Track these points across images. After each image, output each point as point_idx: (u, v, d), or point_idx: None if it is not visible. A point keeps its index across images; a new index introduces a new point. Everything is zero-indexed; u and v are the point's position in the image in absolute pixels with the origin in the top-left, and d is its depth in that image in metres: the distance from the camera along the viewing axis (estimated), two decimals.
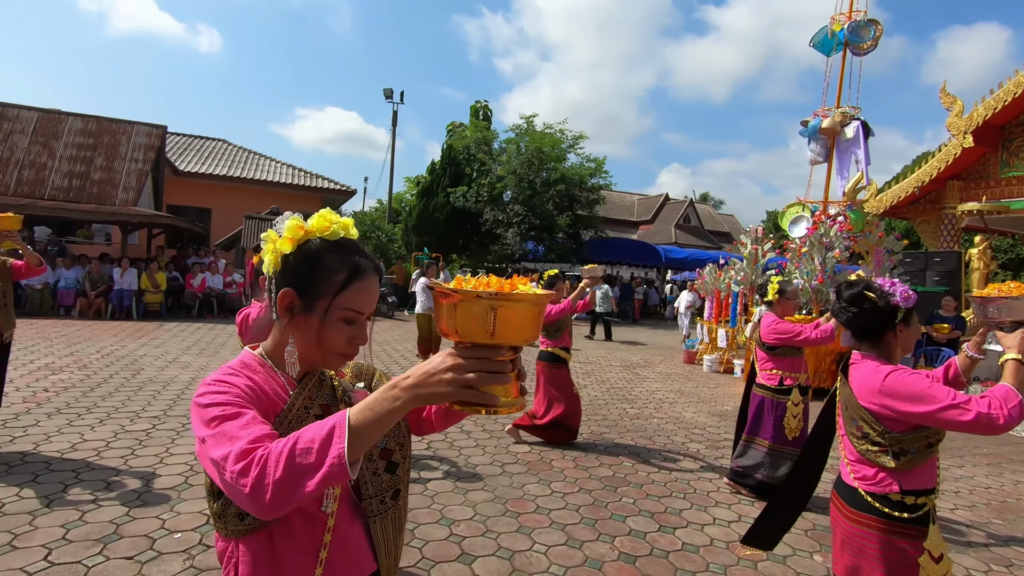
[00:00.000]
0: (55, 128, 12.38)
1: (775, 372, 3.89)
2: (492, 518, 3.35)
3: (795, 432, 3.81)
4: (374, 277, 1.04)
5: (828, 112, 8.18)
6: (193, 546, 2.78)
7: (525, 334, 0.82)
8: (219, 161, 21.60)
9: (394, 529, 1.11)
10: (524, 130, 19.83)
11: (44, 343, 7.81)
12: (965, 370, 1.99)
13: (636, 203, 41.60)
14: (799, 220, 8.32)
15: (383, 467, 1.08)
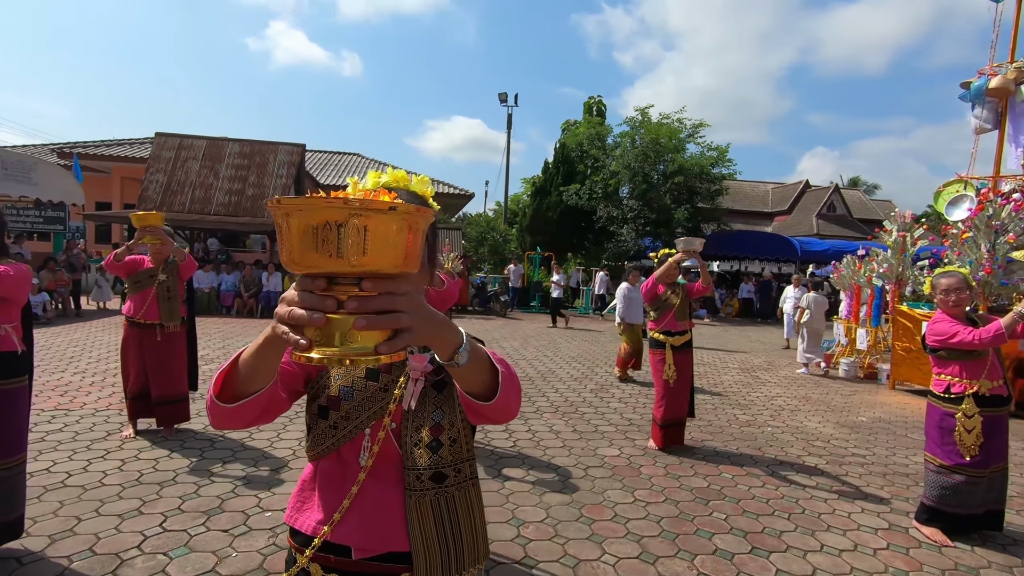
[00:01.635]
0: (219, 152, 14.38)
1: (943, 377, 3.25)
2: (564, 523, 3.22)
3: (972, 451, 3.13)
4: None
5: (998, 69, 6.82)
6: (279, 524, 3.01)
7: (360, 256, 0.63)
8: (353, 173, 23.62)
9: (437, 516, 1.03)
10: (639, 123, 19.15)
11: (204, 338, 9.06)
12: None
13: (770, 192, 38.21)
14: (959, 200, 7.04)
15: (426, 441, 1.03)
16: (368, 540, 1.04)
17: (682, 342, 4.52)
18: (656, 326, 4.56)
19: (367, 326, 0.66)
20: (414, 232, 0.69)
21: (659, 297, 4.54)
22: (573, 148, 20.38)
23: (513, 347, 9.80)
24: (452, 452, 1.04)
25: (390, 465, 1.05)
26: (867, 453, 4.81)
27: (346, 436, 1.04)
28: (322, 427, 1.04)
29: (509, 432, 4.88)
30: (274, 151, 14.63)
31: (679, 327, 4.52)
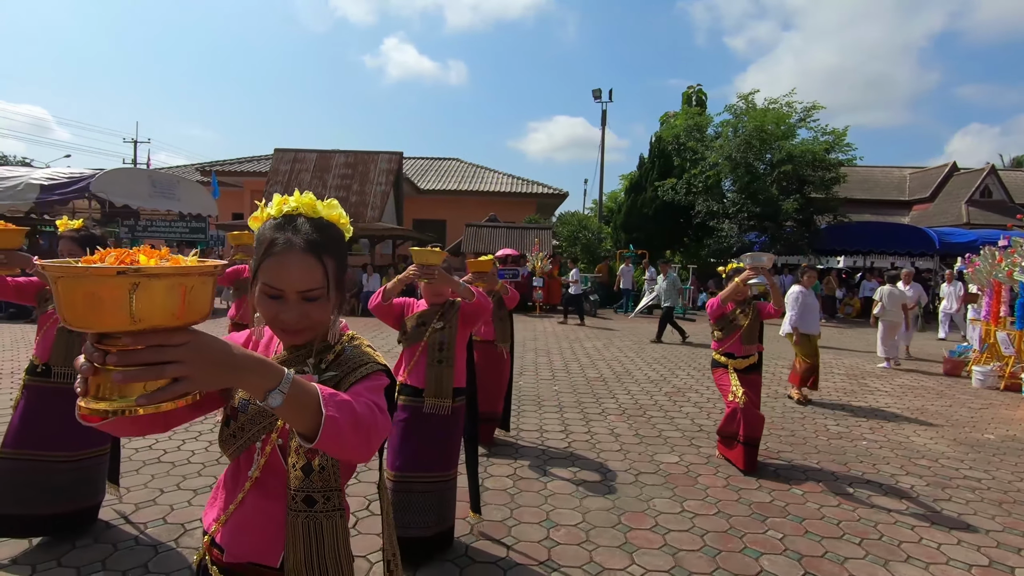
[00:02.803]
0: (327, 163, 15.64)
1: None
2: (598, 528, 3.11)
3: None
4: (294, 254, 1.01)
5: None
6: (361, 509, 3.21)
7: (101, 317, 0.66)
8: (452, 178, 24.53)
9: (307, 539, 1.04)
10: (742, 110, 17.91)
11: None
12: None
13: (908, 178, 33.93)
14: None
15: (300, 463, 1.05)
16: (236, 547, 1.08)
17: (746, 365, 4.17)
18: (719, 347, 4.24)
19: (124, 379, 0.69)
20: (189, 288, 0.70)
21: (726, 316, 4.21)
22: (670, 141, 19.54)
23: (595, 347, 9.63)
24: (321, 478, 1.05)
25: (278, 480, 1.07)
26: (984, 476, 4.12)
27: (242, 446, 1.09)
28: (225, 434, 1.10)
29: (566, 432, 4.81)
30: (374, 160, 15.61)
31: (744, 351, 4.17)
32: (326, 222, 1.10)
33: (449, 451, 2.75)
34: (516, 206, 23.16)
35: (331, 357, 1.10)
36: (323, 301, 1.05)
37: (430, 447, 2.69)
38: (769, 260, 3.99)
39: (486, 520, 3.14)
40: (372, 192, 14.98)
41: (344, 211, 1.20)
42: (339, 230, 1.13)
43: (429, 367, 2.70)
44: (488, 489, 3.57)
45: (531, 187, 23.94)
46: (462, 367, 2.80)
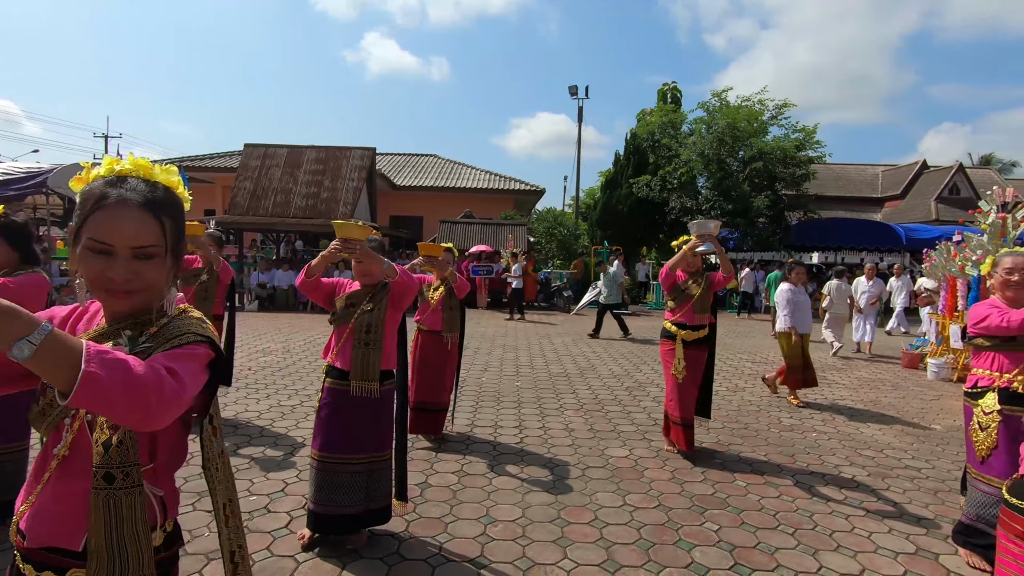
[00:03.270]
0: (299, 159, 15.42)
1: (975, 371, 2.83)
2: (537, 523, 3.10)
3: (984, 453, 2.69)
4: (129, 207, 0.97)
5: None
6: (258, 509, 3.16)
7: None
8: (429, 174, 24.38)
9: (108, 518, 1.00)
10: (715, 107, 18.09)
11: (273, 331, 9.77)
12: None
13: (880, 176, 34.65)
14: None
15: (103, 439, 1.00)
16: (36, 531, 1.04)
17: (695, 337, 4.18)
18: (671, 316, 4.27)
19: None
20: None
21: (678, 286, 4.24)
22: (645, 138, 19.66)
23: (564, 343, 9.64)
24: (119, 453, 1.01)
25: (84, 459, 1.03)
26: (924, 466, 4.21)
27: (52, 422, 1.04)
28: (35, 411, 1.05)
29: (521, 428, 4.80)
30: (347, 156, 15.44)
31: (696, 320, 4.18)
32: (163, 185, 1.05)
33: (378, 434, 2.73)
34: (494, 202, 23.10)
35: (153, 330, 1.04)
36: (158, 261, 1.01)
37: (357, 430, 2.68)
38: (716, 227, 3.99)
39: (423, 517, 3.12)
40: (344, 188, 14.81)
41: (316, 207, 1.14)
42: (177, 196, 1.08)
43: (355, 349, 2.65)
44: (431, 486, 3.55)
45: (508, 183, 23.89)
46: (391, 350, 2.76)
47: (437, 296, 4.29)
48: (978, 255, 6.81)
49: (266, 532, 2.89)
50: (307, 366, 7.01)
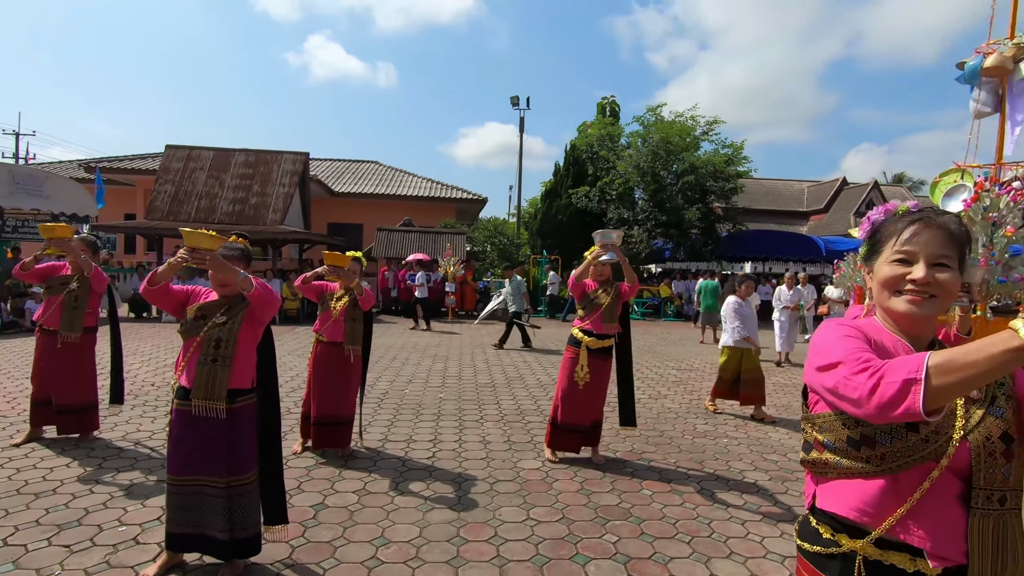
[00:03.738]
0: (226, 163, 14.73)
1: None
2: (433, 543, 2.98)
3: None
4: None
5: (996, 47, 6.22)
6: (126, 540, 2.88)
7: None
8: (369, 181, 23.90)
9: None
10: (651, 122, 18.66)
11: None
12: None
13: (806, 191, 36.84)
14: (956, 191, 6.41)
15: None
16: None
17: (599, 346, 4.21)
18: (579, 323, 4.29)
19: None
20: None
21: (587, 295, 4.27)
22: (584, 150, 20.03)
23: (497, 353, 9.57)
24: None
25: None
26: None
27: None
28: None
29: (435, 441, 4.67)
30: (278, 160, 14.88)
31: (603, 329, 4.22)
32: None
33: (232, 457, 2.50)
34: (435, 211, 22.87)
35: None
36: None
37: (203, 452, 2.46)
38: (618, 237, 4.06)
39: (312, 542, 2.94)
40: (275, 194, 14.24)
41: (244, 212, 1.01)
42: None
43: (201, 365, 2.45)
44: (327, 507, 3.36)
45: (450, 192, 23.74)
46: (246, 367, 2.55)
47: (340, 306, 4.12)
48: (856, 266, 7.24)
49: (129, 567, 2.63)
50: None
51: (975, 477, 1.04)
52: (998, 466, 1.04)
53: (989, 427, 1.06)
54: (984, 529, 1.03)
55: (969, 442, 1.05)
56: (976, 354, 0.84)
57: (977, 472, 1.04)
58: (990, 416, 1.06)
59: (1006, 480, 1.05)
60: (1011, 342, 0.81)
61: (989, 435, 1.05)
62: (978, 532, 1.03)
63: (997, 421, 1.06)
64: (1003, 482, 1.05)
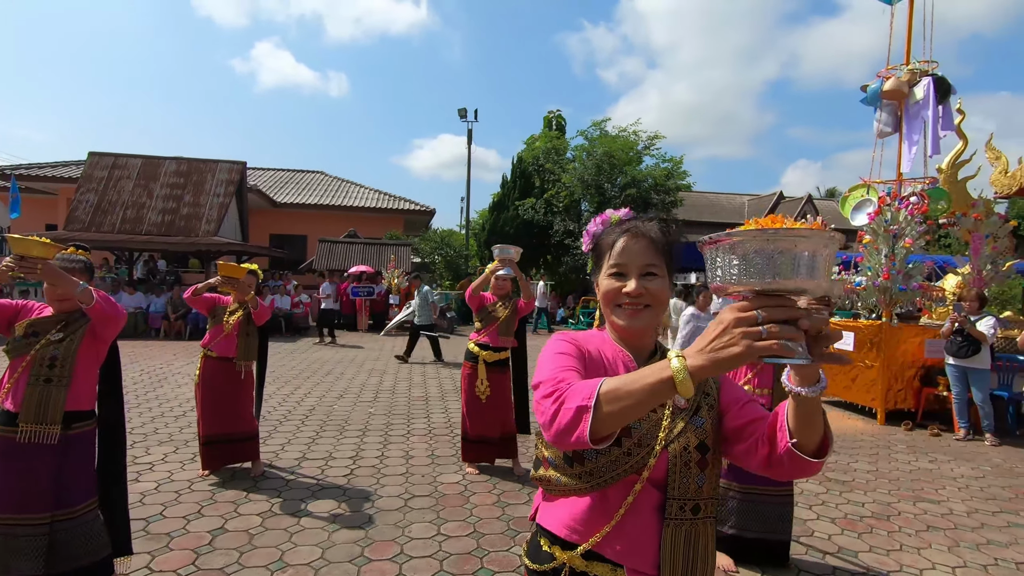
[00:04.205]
0: (154, 171, 14.10)
1: None
2: (333, 564, 2.89)
3: None
4: None
5: (894, 71, 6.70)
6: None
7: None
8: (314, 191, 23.36)
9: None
10: (595, 136, 19.10)
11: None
12: None
13: (746, 204, 38.48)
14: (863, 205, 6.87)
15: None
16: None
17: (495, 359, 4.28)
18: (476, 336, 4.34)
19: None
20: None
21: (485, 307, 4.32)
22: (530, 163, 20.27)
23: (435, 367, 9.47)
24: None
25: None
26: None
27: None
28: None
29: (356, 458, 4.55)
30: (212, 169, 14.36)
31: (499, 343, 4.29)
32: None
33: (61, 488, 2.30)
34: (382, 222, 22.56)
35: None
36: None
37: (26, 485, 2.22)
38: (516, 253, 4.14)
39: (202, 569, 2.79)
40: (208, 204, 13.70)
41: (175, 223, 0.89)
42: None
43: (31, 386, 2.23)
44: (226, 531, 3.21)
45: (398, 203, 23.49)
46: (86, 388, 2.38)
47: (233, 320, 3.98)
48: None
49: None
50: (132, 400, 6.25)
51: (670, 487, 1.03)
52: (692, 475, 1.03)
53: (688, 437, 1.05)
54: (676, 539, 1.03)
55: (668, 452, 1.04)
56: (635, 383, 0.84)
57: (672, 482, 1.03)
58: (691, 426, 1.06)
59: (700, 489, 1.04)
60: (662, 373, 0.82)
61: (687, 445, 1.05)
62: (670, 542, 1.02)
63: (697, 431, 1.06)
64: (697, 491, 1.04)
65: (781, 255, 0.77)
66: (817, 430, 0.93)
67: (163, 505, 3.53)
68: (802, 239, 0.76)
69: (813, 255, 0.77)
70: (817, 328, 0.78)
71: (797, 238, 0.76)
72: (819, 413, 0.92)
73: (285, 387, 7.26)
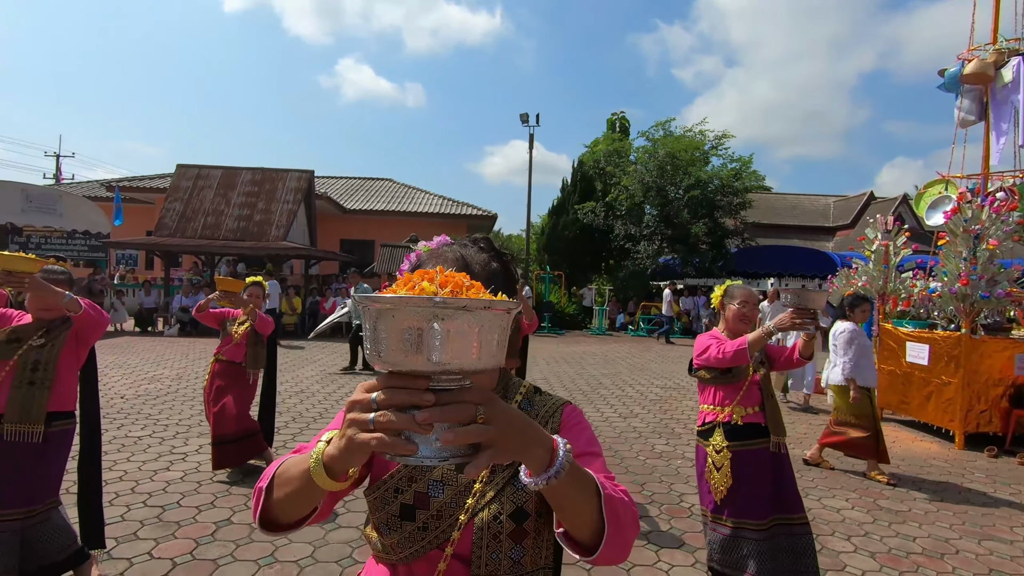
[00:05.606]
0: (232, 181, 15.16)
1: (703, 407, 2.81)
2: (320, 564, 2.89)
3: (721, 492, 2.61)
4: None
5: (978, 53, 5.97)
6: None
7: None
8: (381, 198, 24.26)
9: None
10: (658, 137, 18.52)
11: (178, 357, 9.37)
12: None
13: (832, 206, 35.99)
14: (940, 203, 6.17)
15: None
16: None
17: None
18: None
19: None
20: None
21: None
22: (591, 166, 19.97)
23: None
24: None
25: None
26: None
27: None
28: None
29: None
30: (283, 178, 15.23)
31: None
32: None
33: (35, 484, 2.39)
34: (446, 228, 22.98)
35: None
36: None
37: (7, 481, 2.32)
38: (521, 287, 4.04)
39: (197, 559, 2.89)
40: (278, 211, 14.55)
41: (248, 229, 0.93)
42: None
43: (15, 388, 2.34)
44: (232, 523, 3.32)
45: (461, 208, 23.92)
46: (69, 390, 2.50)
47: (242, 331, 4.14)
48: (863, 281, 6.95)
49: None
50: (188, 393, 6.68)
51: (475, 563, 0.88)
52: (503, 549, 0.88)
53: (503, 503, 0.90)
54: None
55: (475, 523, 0.89)
56: (295, 466, 0.74)
57: (477, 559, 0.88)
58: (511, 488, 0.90)
59: (517, 563, 0.89)
60: (302, 464, 0.72)
61: (499, 513, 0.89)
62: None
63: (516, 494, 0.90)
64: (513, 567, 0.89)
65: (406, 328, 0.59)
66: (580, 522, 0.74)
67: (182, 495, 3.71)
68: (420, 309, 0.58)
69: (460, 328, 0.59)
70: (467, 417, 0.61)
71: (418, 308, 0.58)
72: (577, 503, 0.73)
73: (330, 384, 7.52)
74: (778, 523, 2.59)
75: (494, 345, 0.63)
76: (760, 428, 2.62)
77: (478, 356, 0.61)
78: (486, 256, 0.98)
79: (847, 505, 3.98)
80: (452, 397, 0.61)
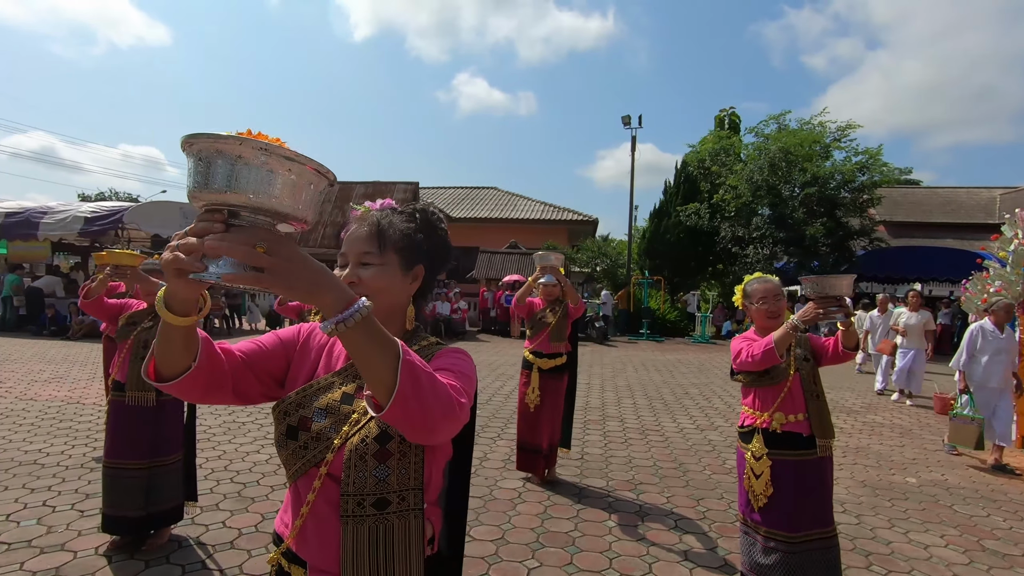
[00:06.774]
0: (347, 194, 16.61)
1: (743, 410, 2.64)
2: None
3: (761, 500, 2.43)
4: None
5: None
6: None
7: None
8: (485, 206, 25.12)
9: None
10: (771, 132, 17.24)
11: None
12: None
13: (998, 199, 30.96)
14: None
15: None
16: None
17: (551, 366, 4.16)
18: (529, 345, 4.31)
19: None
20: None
21: (535, 315, 4.29)
22: (695, 166, 19.08)
23: None
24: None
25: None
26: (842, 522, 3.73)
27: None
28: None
29: None
30: (391, 189, 16.39)
31: (552, 349, 4.20)
32: None
33: (156, 440, 2.92)
34: (546, 233, 23.30)
35: None
36: None
37: (134, 437, 2.88)
38: (557, 259, 4.10)
39: (259, 531, 3.26)
40: None
41: None
42: None
43: (132, 363, 2.87)
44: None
45: (562, 214, 24.06)
46: None
47: None
48: (997, 286, 5.98)
49: None
50: None
51: (344, 482, 0.98)
52: (368, 468, 0.97)
53: (370, 427, 1.00)
54: (358, 536, 0.97)
55: (347, 447, 0.99)
56: None
57: (346, 477, 0.98)
58: None
59: (383, 482, 0.97)
60: None
61: (366, 436, 0.99)
62: (351, 540, 0.97)
63: None
64: (378, 485, 0.97)
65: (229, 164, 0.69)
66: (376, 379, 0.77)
67: (263, 474, 4.18)
68: None
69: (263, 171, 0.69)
70: None
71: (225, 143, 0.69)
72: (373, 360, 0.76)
73: None
74: (815, 537, 2.40)
75: (292, 195, 0.73)
76: (801, 439, 2.41)
77: (278, 200, 0.72)
78: (409, 225, 1.12)
79: (940, 542, 3.49)
80: (241, 230, 0.72)
